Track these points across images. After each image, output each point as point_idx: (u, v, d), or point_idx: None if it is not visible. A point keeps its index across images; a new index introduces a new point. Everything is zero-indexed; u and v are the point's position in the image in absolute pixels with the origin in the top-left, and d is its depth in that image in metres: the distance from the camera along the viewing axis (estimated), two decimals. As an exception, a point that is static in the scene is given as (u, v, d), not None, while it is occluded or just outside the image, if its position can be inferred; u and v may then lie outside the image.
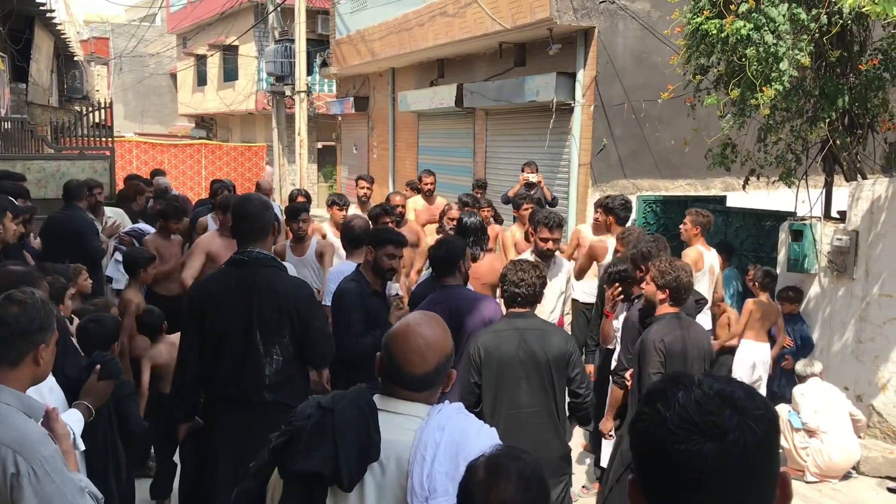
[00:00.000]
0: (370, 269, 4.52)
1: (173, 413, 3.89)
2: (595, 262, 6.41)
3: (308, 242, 6.38)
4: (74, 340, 3.82)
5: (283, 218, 6.73)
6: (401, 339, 2.18)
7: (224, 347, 3.55)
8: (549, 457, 3.83)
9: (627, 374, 4.39)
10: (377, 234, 4.64)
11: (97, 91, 31.02)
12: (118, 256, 6.78)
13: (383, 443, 2.08)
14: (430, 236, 7.06)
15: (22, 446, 2.12)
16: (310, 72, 22.50)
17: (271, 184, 11.04)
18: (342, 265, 5.38)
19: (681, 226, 6.79)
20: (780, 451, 1.19)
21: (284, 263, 4.04)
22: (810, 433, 5.85)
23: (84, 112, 11.01)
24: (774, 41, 6.23)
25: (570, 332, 6.06)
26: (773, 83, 6.29)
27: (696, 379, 1.15)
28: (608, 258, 6.08)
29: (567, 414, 4.01)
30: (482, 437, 2.14)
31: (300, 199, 7.90)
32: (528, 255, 5.46)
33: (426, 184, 8.74)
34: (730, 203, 9.87)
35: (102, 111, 11.12)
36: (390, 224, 6.01)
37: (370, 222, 5.96)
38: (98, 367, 3.09)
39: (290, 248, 6.35)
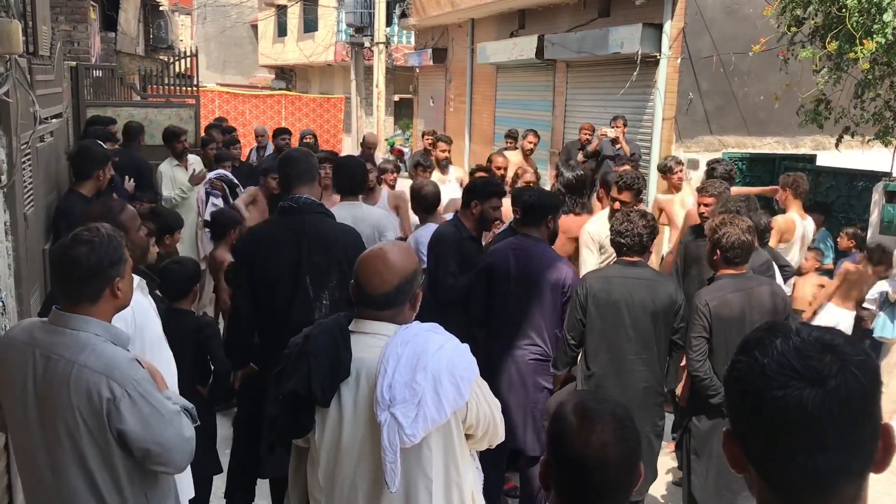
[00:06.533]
0: (474, 220, 4.63)
1: (230, 360, 3.96)
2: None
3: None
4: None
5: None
6: (364, 263, 2.37)
7: (275, 294, 3.59)
8: (646, 402, 3.98)
9: None
10: (485, 187, 4.72)
11: (181, 41, 31.59)
12: (215, 200, 7.03)
13: (354, 360, 2.29)
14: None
15: (113, 371, 2.20)
16: (389, 23, 22.44)
17: (375, 138, 11.03)
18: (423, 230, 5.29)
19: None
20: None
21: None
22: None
23: (170, 61, 11.25)
24: (878, -10, 5.89)
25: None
26: (874, 36, 5.97)
27: (795, 327, 1.10)
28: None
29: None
30: (444, 351, 2.27)
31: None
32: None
33: (529, 142, 9.21)
34: (820, 162, 9.47)
35: (187, 60, 11.35)
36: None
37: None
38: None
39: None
